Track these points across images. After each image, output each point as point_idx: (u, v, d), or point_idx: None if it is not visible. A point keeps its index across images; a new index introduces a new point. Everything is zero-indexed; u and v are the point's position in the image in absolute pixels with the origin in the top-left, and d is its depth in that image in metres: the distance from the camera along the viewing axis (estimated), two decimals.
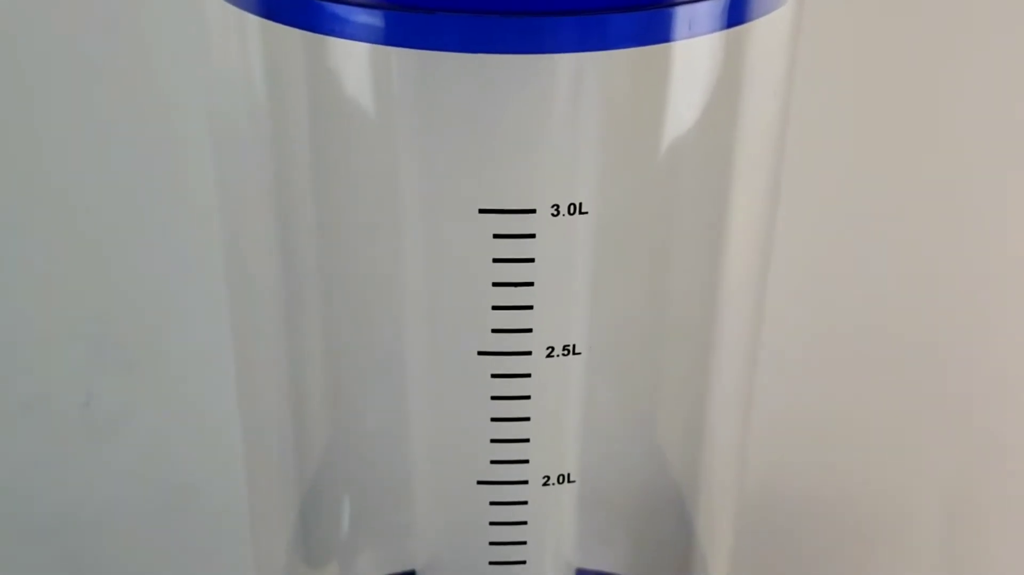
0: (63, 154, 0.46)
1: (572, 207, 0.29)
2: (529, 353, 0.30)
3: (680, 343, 0.35)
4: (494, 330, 0.30)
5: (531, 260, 0.29)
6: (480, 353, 0.30)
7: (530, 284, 0.30)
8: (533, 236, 0.29)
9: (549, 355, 0.30)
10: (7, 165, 0.47)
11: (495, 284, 0.29)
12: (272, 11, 0.28)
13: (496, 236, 0.29)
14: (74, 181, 0.47)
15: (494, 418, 0.31)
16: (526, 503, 0.32)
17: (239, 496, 0.38)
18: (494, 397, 0.31)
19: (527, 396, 0.31)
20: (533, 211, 0.29)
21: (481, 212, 0.29)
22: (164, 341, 0.49)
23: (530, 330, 0.30)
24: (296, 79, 0.31)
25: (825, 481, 0.49)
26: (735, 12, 0.28)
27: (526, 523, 0.32)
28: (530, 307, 0.30)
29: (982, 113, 0.45)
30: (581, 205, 0.29)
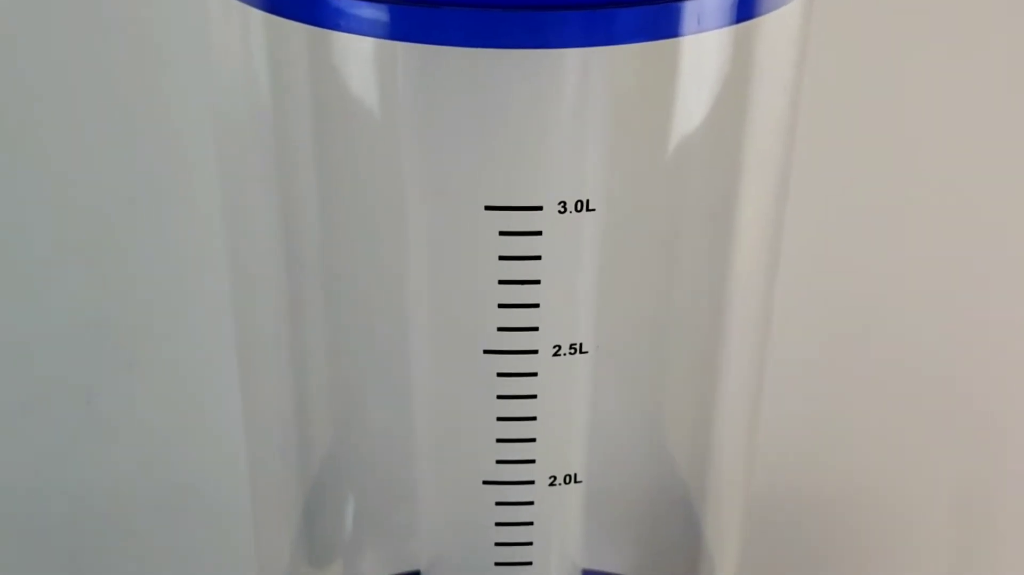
0: (64, 153, 0.46)
1: (579, 204, 0.29)
2: (536, 352, 0.30)
3: (688, 342, 0.34)
4: (500, 328, 0.30)
5: (538, 258, 0.29)
6: (486, 352, 0.30)
7: (537, 282, 0.29)
8: (540, 233, 0.29)
9: (556, 354, 0.30)
10: (7, 163, 0.47)
11: (501, 282, 0.29)
12: (276, 5, 0.28)
13: (502, 233, 0.29)
14: (76, 179, 0.47)
15: (500, 417, 0.31)
16: (532, 503, 0.32)
17: (242, 495, 0.38)
18: (500, 396, 0.30)
19: (533, 395, 0.31)
20: (540, 208, 0.29)
21: (487, 209, 0.29)
22: (166, 340, 0.49)
23: (536, 328, 0.30)
24: (300, 75, 0.31)
25: (833, 481, 0.49)
26: (744, 7, 0.28)
27: (532, 524, 0.32)
28: (536, 305, 0.30)
29: (996, 110, 0.45)
30: (588, 202, 0.29)
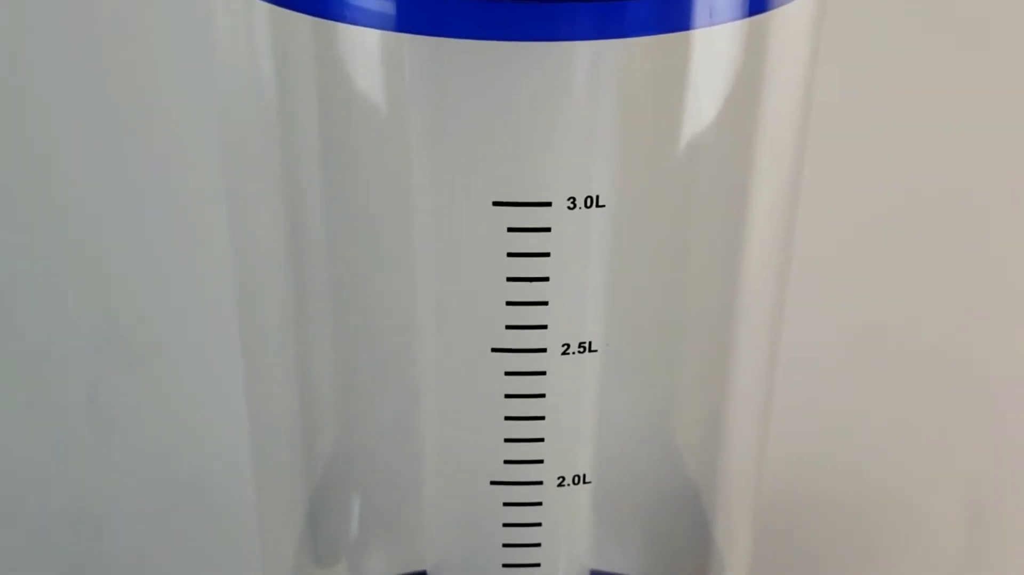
0: (67, 150, 0.47)
1: (589, 200, 0.28)
2: (544, 350, 0.30)
3: (699, 341, 0.34)
4: (508, 326, 0.29)
5: (546, 255, 0.29)
6: (494, 350, 0.30)
7: (545, 279, 0.29)
8: (549, 230, 0.29)
9: (565, 352, 0.30)
10: (10, 162, 0.47)
11: (509, 279, 0.29)
12: None
13: (510, 230, 0.29)
14: (79, 178, 0.47)
15: (508, 417, 0.30)
16: (540, 504, 0.32)
17: (246, 494, 0.37)
18: (508, 395, 0.30)
19: (542, 394, 0.30)
20: (549, 204, 0.28)
21: (495, 205, 0.28)
22: (170, 337, 0.49)
23: (545, 326, 0.30)
24: (305, 69, 0.31)
25: (844, 482, 0.49)
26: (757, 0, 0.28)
27: (540, 525, 0.32)
28: (545, 303, 0.29)
29: (1018, 104, 0.45)
30: (598, 198, 0.29)
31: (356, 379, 0.35)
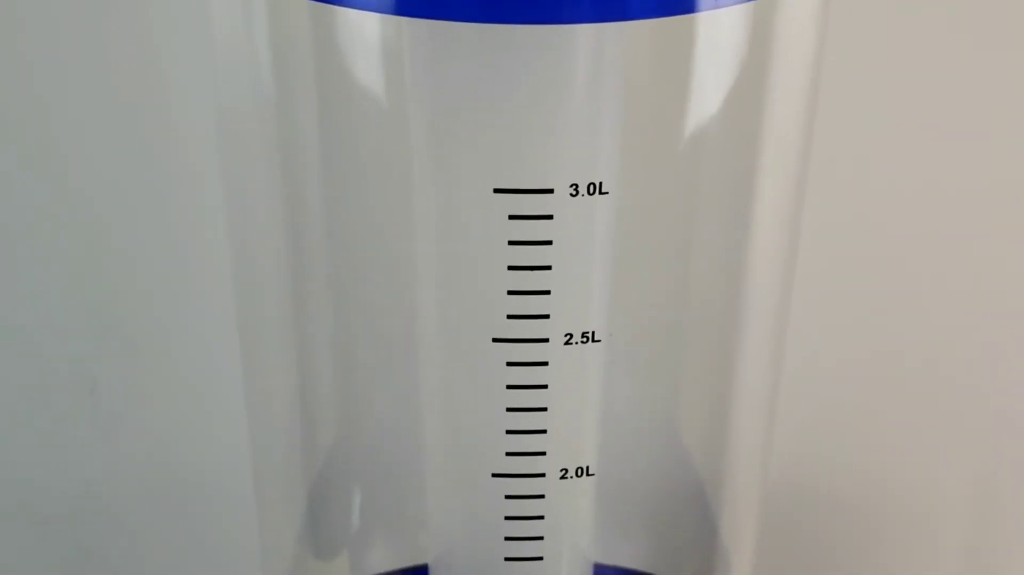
0: (66, 140, 0.46)
1: (592, 187, 0.28)
2: (546, 340, 0.29)
3: (704, 331, 0.34)
4: (510, 316, 0.29)
5: (548, 243, 0.29)
6: (495, 340, 0.29)
7: (547, 268, 0.29)
8: (551, 217, 0.28)
9: (567, 342, 0.30)
10: (8, 151, 0.47)
11: (511, 268, 0.29)
12: None
13: (512, 217, 0.28)
14: (78, 167, 0.47)
15: (510, 408, 0.30)
16: (543, 497, 0.31)
17: (246, 485, 0.37)
18: (510, 386, 0.30)
19: (544, 385, 0.30)
20: (551, 191, 0.28)
21: (496, 192, 0.28)
22: (170, 328, 0.49)
23: (547, 316, 0.29)
24: (304, 54, 0.30)
25: (850, 477, 0.49)
26: None
27: (543, 518, 0.32)
28: (547, 292, 0.29)
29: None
30: (601, 185, 0.28)
31: (356, 370, 0.35)
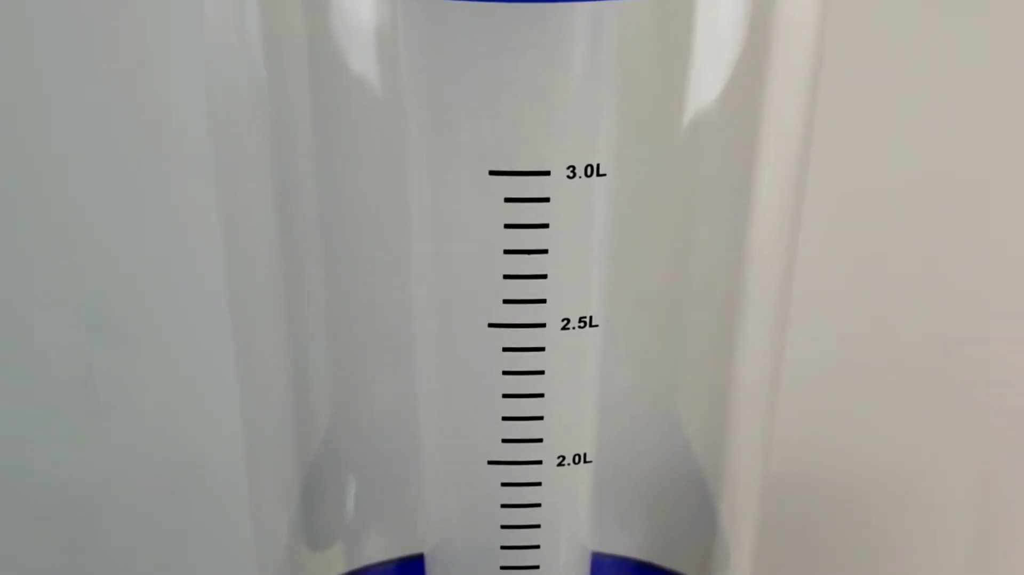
0: (61, 133, 0.46)
1: (589, 169, 0.28)
2: (543, 325, 0.29)
3: (704, 316, 0.34)
4: (506, 300, 0.29)
5: (545, 226, 0.28)
6: (491, 325, 0.29)
7: (544, 252, 0.29)
8: (547, 200, 0.28)
9: (564, 327, 0.29)
10: (5, 145, 0.46)
11: (507, 252, 0.28)
12: None
13: (508, 200, 0.28)
14: (72, 157, 0.47)
15: (506, 394, 0.30)
16: (540, 484, 0.31)
17: (240, 475, 0.37)
18: (506, 372, 0.30)
19: (541, 371, 0.30)
20: (547, 173, 0.28)
21: (492, 174, 0.28)
22: (163, 317, 0.49)
23: (544, 301, 0.29)
24: (296, 36, 0.30)
25: (851, 466, 0.49)
26: None
27: (540, 505, 0.31)
28: (544, 276, 0.29)
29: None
30: (599, 167, 0.28)
31: (350, 356, 0.35)
